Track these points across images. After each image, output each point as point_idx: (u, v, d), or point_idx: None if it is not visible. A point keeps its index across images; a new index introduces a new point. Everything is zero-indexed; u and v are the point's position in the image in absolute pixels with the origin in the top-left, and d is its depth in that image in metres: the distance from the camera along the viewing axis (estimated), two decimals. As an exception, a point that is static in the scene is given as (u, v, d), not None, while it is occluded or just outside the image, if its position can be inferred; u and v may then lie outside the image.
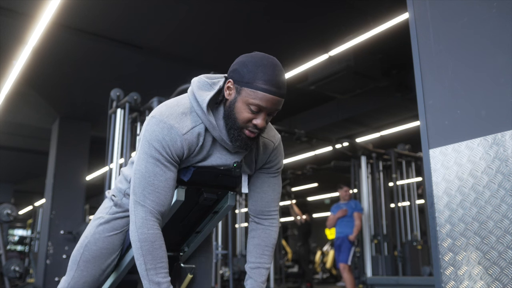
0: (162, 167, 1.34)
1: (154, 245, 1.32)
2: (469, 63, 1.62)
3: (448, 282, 1.56)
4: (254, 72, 1.31)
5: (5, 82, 6.48)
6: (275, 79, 1.31)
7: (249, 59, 1.35)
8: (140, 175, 1.35)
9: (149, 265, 1.32)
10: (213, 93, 1.37)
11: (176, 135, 1.33)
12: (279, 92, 1.32)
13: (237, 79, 1.33)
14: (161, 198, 1.34)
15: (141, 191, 1.34)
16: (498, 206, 1.46)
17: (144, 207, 1.34)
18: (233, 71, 1.37)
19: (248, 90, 1.31)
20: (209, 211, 1.58)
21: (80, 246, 1.57)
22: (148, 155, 1.34)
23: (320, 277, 12.52)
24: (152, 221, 1.34)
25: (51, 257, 7.29)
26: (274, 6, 4.95)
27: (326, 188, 13.97)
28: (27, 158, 11.10)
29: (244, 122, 1.33)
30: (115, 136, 5.09)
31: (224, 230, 8.26)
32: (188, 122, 1.36)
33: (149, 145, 1.34)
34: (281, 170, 1.59)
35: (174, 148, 1.34)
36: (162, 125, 1.33)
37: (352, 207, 6.13)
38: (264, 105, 1.30)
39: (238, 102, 1.33)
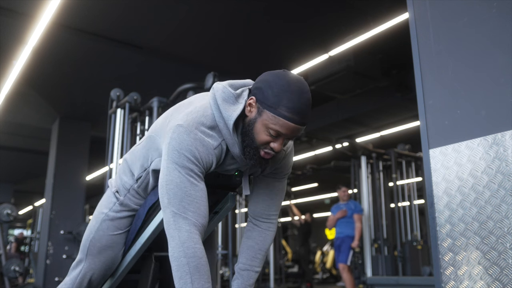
0: (196, 177, 1.28)
1: (202, 261, 1.23)
2: (469, 63, 1.62)
3: (448, 282, 1.56)
4: (279, 96, 1.24)
5: (5, 82, 6.48)
6: (300, 108, 1.24)
7: (276, 80, 1.27)
8: (174, 185, 1.26)
9: (196, 283, 1.21)
10: (239, 109, 1.31)
11: (210, 148, 1.29)
12: (301, 121, 1.26)
13: (261, 99, 1.27)
14: (202, 209, 1.28)
15: (179, 203, 1.25)
16: (498, 206, 1.46)
17: (187, 219, 1.24)
18: (257, 88, 1.30)
19: (270, 114, 1.25)
20: (210, 211, 1.58)
21: (86, 239, 1.58)
22: (179, 165, 1.26)
23: (320, 277, 12.52)
24: (198, 234, 1.26)
25: (51, 257, 7.29)
26: (274, 6, 4.95)
27: (326, 188, 13.97)
28: (27, 158, 11.10)
29: (261, 143, 1.30)
30: (115, 136, 5.10)
31: (224, 230, 8.26)
32: (215, 136, 1.31)
33: (180, 155, 1.26)
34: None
35: (205, 160, 1.29)
36: (194, 136, 1.27)
37: (352, 208, 6.14)
38: (284, 132, 1.26)
39: (258, 123, 1.28)
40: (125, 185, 1.54)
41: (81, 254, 1.59)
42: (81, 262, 1.58)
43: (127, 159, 1.58)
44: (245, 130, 1.31)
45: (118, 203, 1.56)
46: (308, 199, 16.03)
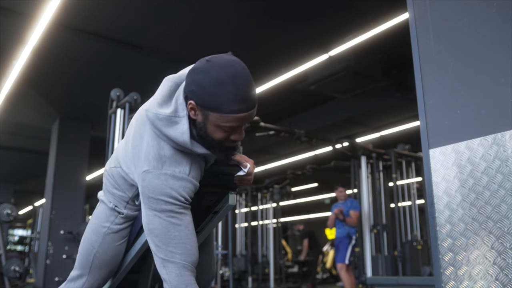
0: (178, 216, 1.25)
1: None
2: (469, 63, 1.62)
3: (448, 282, 1.56)
4: (216, 95, 1.16)
5: (5, 82, 6.48)
6: (241, 95, 1.17)
7: (205, 79, 1.18)
8: (158, 232, 1.25)
9: None
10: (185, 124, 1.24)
11: (182, 180, 1.26)
12: (249, 106, 1.19)
13: (199, 103, 1.20)
14: (188, 247, 1.26)
15: (165, 248, 1.24)
16: (498, 206, 1.46)
17: (175, 263, 1.24)
18: (190, 92, 1.22)
19: (216, 115, 1.19)
20: (209, 211, 1.58)
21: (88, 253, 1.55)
22: (158, 211, 1.25)
23: (320, 277, 12.52)
24: (189, 276, 1.24)
25: (51, 257, 7.29)
26: (274, 6, 4.96)
27: (326, 188, 13.97)
28: (27, 158, 11.10)
29: (220, 140, 1.26)
30: (115, 136, 5.09)
31: (224, 230, 8.27)
32: (183, 161, 1.27)
33: (156, 201, 1.24)
34: None
35: (185, 192, 1.26)
36: (163, 177, 1.24)
37: (348, 205, 6.17)
38: (238, 124, 1.22)
39: (209, 125, 1.23)
40: (122, 198, 1.52)
41: (83, 269, 1.56)
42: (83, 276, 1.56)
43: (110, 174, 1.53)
44: (200, 134, 1.26)
45: (121, 217, 1.54)
46: (308, 199, 16.03)
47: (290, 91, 7.08)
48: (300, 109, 8.40)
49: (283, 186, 9.78)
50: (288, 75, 6.43)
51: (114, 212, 1.54)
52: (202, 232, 1.63)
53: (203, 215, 1.60)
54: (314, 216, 18.16)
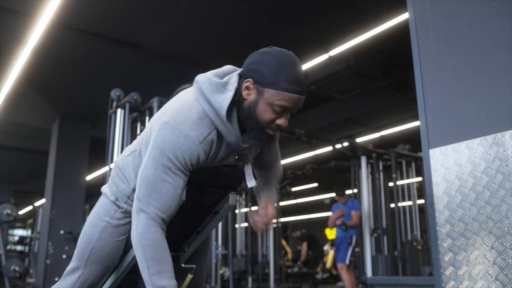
0: (172, 175, 1.30)
1: (157, 250, 1.30)
2: (469, 63, 1.62)
3: (448, 282, 1.56)
4: (277, 72, 1.27)
5: (5, 82, 6.48)
6: (298, 78, 1.30)
7: (269, 59, 1.31)
8: (147, 182, 1.31)
9: (152, 269, 1.29)
10: (230, 96, 1.32)
11: (192, 144, 1.29)
12: (302, 90, 1.31)
13: (259, 80, 1.29)
14: (166, 205, 1.31)
15: (146, 198, 1.31)
16: (498, 206, 1.46)
17: (147, 213, 1.31)
18: (251, 70, 1.32)
19: (272, 92, 1.28)
20: (210, 211, 1.58)
21: (85, 247, 1.55)
22: (158, 163, 1.30)
23: (320, 277, 12.52)
24: (154, 226, 1.31)
25: (51, 257, 7.29)
26: (274, 6, 4.96)
27: (326, 188, 13.97)
28: (27, 158, 11.10)
29: (267, 122, 1.32)
30: (115, 136, 5.09)
31: (224, 230, 8.26)
32: (204, 129, 1.32)
33: (161, 153, 1.29)
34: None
35: (189, 157, 1.30)
36: (178, 133, 1.29)
37: (349, 206, 6.17)
38: (289, 105, 1.30)
39: (261, 103, 1.30)
40: (124, 192, 1.52)
41: (79, 262, 1.56)
42: (79, 269, 1.56)
43: (120, 165, 1.55)
44: (247, 113, 1.33)
45: (120, 211, 1.54)
46: (308, 199, 16.03)
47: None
48: (300, 109, 8.38)
49: (283, 186, 9.78)
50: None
51: (114, 206, 1.54)
52: (202, 232, 1.64)
53: (203, 215, 1.60)
54: (314, 216, 18.16)
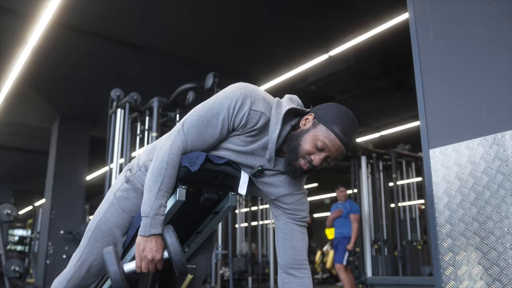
0: (216, 123, 1.40)
1: (174, 171, 1.39)
2: (469, 63, 1.62)
3: (448, 282, 1.56)
4: (336, 118, 1.43)
5: (5, 82, 6.48)
6: (349, 133, 1.43)
7: (337, 107, 1.47)
8: (198, 113, 1.42)
9: (163, 186, 1.38)
10: (297, 107, 1.47)
11: (246, 105, 1.39)
12: (346, 142, 1.42)
13: (319, 116, 1.44)
14: (197, 143, 1.42)
15: (190, 126, 1.42)
16: (498, 206, 1.46)
17: (185, 137, 1.41)
18: (318, 108, 1.48)
19: (323, 128, 1.41)
20: (210, 212, 1.58)
21: (92, 223, 1.58)
22: (215, 104, 1.40)
23: (320, 277, 12.52)
24: (181, 151, 1.41)
25: (51, 257, 7.29)
26: (275, 6, 4.96)
27: (326, 188, 13.97)
28: (27, 158, 11.10)
29: (304, 152, 1.42)
30: (115, 136, 5.10)
31: (224, 230, 8.27)
32: (261, 105, 1.42)
33: (222, 99, 1.40)
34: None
35: (238, 114, 1.39)
36: (243, 91, 1.40)
37: (347, 208, 6.11)
38: (329, 146, 1.40)
39: (309, 134, 1.42)
40: (139, 163, 1.57)
41: (84, 240, 1.58)
42: (83, 247, 1.58)
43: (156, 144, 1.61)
44: (295, 136, 1.45)
45: (125, 181, 1.57)
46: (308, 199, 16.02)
47: (290, 91, 7.07)
48: (300, 109, 8.39)
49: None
50: (288, 75, 6.43)
51: (124, 176, 1.59)
52: (202, 233, 1.63)
53: (204, 215, 1.60)
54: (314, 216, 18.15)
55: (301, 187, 1.60)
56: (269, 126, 1.44)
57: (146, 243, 1.38)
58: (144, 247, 1.38)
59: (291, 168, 1.44)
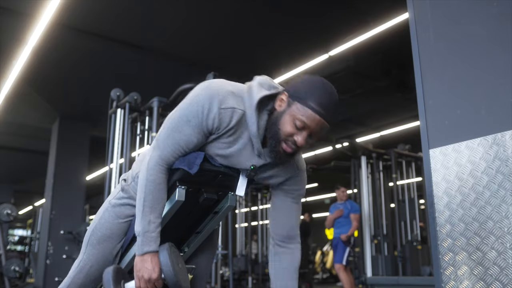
0: (189, 129, 1.36)
1: (158, 187, 1.39)
2: (469, 63, 1.62)
3: (448, 282, 1.56)
4: (310, 92, 1.35)
5: (5, 82, 6.48)
6: (327, 105, 1.35)
7: (309, 79, 1.40)
8: (169, 125, 1.40)
9: (147, 203, 1.38)
10: (269, 93, 1.40)
11: (215, 105, 1.34)
12: (326, 116, 1.35)
13: (292, 94, 1.37)
14: (177, 152, 1.39)
15: (164, 139, 1.40)
16: (498, 206, 1.46)
17: (160, 152, 1.39)
18: (291, 86, 1.41)
19: (299, 106, 1.34)
20: (210, 212, 1.58)
21: (89, 230, 1.60)
22: (183, 113, 1.37)
23: (320, 277, 12.52)
24: (163, 166, 1.40)
25: (51, 257, 7.29)
26: (275, 6, 4.96)
27: (326, 188, 13.96)
28: (27, 158, 11.10)
29: (285, 135, 1.36)
30: (115, 136, 5.09)
31: (224, 230, 8.27)
32: (231, 101, 1.37)
33: (189, 105, 1.37)
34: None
35: (208, 116, 1.35)
36: (208, 91, 1.35)
37: (348, 208, 6.13)
38: (309, 123, 1.34)
39: (286, 115, 1.35)
40: (133, 173, 1.59)
41: (83, 247, 1.61)
42: (81, 254, 1.60)
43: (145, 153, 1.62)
44: (272, 121, 1.38)
45: (120, 190, 1.59)
46: (308, 199, 16.03)
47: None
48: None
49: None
50: (288, 75, 6.43)
51: (120, 186, 1.61)
52: (202, 233, 1.63)
53: (203, 215, 1.60)
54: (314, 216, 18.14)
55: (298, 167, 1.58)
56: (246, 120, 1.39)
57: (141, 263, 1.38)
58: (140, 267, 1.38)
59: (275, 154, 1.39)
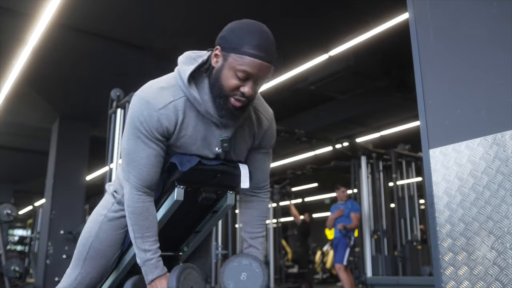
0: (142, 145, 1.34)
1: (140, 217, 1.38)
2: (469, 63, 1.62)
3: (448, 282, 1.56)
4: (242, 37, 1.27)
5: (5, 82, 6.47)
6: (263, 44, 1.28)
7: (237, 25, 1.32)
8: (124, 152, 1.39)
9: (136, 233, 1.39)
10: (196, 65, 1.34)
11: (152, 110, 1.31)
12: (267, 57, 1.28)
13: (224, 46, 1.29)
14: (144, 174, 1.36)
15: (126, 168, 1.39)
16: (498, 206, 1.46)
17: (129, 183, 1.38)
18: (221, 37, 1.33)
19: (235, 56, 1.26)
20: (208, 211, 1.58)
21: (85, 243, 1.58)
22: (129, 133, 1.36)
23: (320, 277, 12.52)
24: (137, 195, 1.38)
25: (51, 257, 7.29)
26: (274, 6, 4.96)
27: (326, 188, 13.97)
28: (27, 158, 11.10)
29: (230, 89, 1.29)
30: (115, 136, 5.09)
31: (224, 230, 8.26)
32: (165, 96, 1.33)
33: (130, 122, 1.35)
34: None
35: (151, 124, 1.32)
36: (140, 101, 1.33)
37: (349, 207, 6.15)
38: (251, 71, 1.27)
39: (225, 69, 1.29)
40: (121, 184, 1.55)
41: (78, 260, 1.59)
42: (77, 267, 1.58)
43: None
44: (213, 80, 1.32)
45: (115, 203, 1.57)
46: (308, 199, 16.03)
47: (290, 91, 7.08)
48: (300, 109, 8.39)
49: (283, 186, 9.76)
50: (288, 75, 6.43)
51: (112, 198, 1.59)
52: (201, 232, 1.63)
53: (202, 214, 1.60)
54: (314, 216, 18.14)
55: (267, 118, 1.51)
56: (192, 101, 1.35)
57: None
58: None
59: (225, 112, 1.33)
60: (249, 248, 1.59)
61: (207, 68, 1.35)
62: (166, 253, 1.47)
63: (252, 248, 1.59)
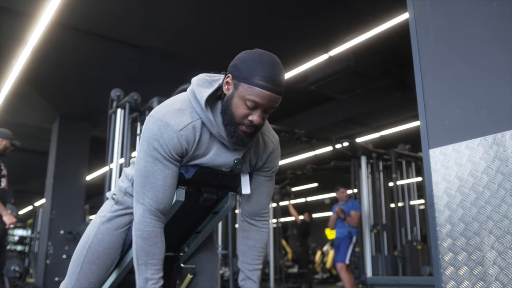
0: (160, 166, 1.35)
1: (148, 242, 1.36)
2: (469, 63, 1.62)
3: (448, 282, 1.56)
4: (253, 68, 1.31)
5: (5, 82, 6.48)
6: (273, 77, 1.31)
7: (248, 55, 1.36)
8: (139, 174, 1.37)
9: (140, 260, 1.36)
10: (212, 90, 1.38)
11: (172, 132, 1.33)
12: (276, 89, 1.32)
13: (236, 75, 1.34)
14: (160, 196, 1.36)
15: (140, 190, 1.37)
16: (498, 206, 1.46)
17: (143, 205, 1.36)
18: (232, 66, 1.38)
19: (245, 86, 1.30)
20: (209, 212, 1.58)
21: (82, 248, 1.56)
22: (146, 154, 1.35)
23: (320, 277, 12.52)
24: (150, 218, 1.36)
25: (51, 257, 7.29)
26: (275, 6, 4.96)
27: (326, 188, 13.97)
28: (27, 158, 11.09)
29: (240, 118, 1.33)
30: (115, 136, 5.09)
31: (224, 230, 8.26)
32: (184, 118, 1.36)
33: (148, 144, 1.35)
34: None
35: (171, 145, 1.34)
36: (159, 123, 1.34)
37: (349, 206, 6.18)
38: (260, 101, 1.31)
39: (235, 98, 1.33)
40: (121, 189, 1.59)
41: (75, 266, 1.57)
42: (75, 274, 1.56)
43: (125, 170, 1.64)
44: (224, 107, 1.37)
45: (114, 203, 1.59)
46: (308, 199, 16.03)
47: (290, 91, 7.08)
48: (300, 109, 8.39)
49: (283, 186, 9.76)
50: (288, 75, 6.43)
51: (111, 201, 1.60)
52: (202, 232, 1.63)
53: (203, 215, 1.60)
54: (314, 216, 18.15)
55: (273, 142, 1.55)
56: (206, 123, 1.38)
57: None
58: None
59: (236, 139, 1.37)
60: (246, 281, 1.58)
61: (220, 93, 1.39)
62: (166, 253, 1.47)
63: (250, 281, 1.58)
